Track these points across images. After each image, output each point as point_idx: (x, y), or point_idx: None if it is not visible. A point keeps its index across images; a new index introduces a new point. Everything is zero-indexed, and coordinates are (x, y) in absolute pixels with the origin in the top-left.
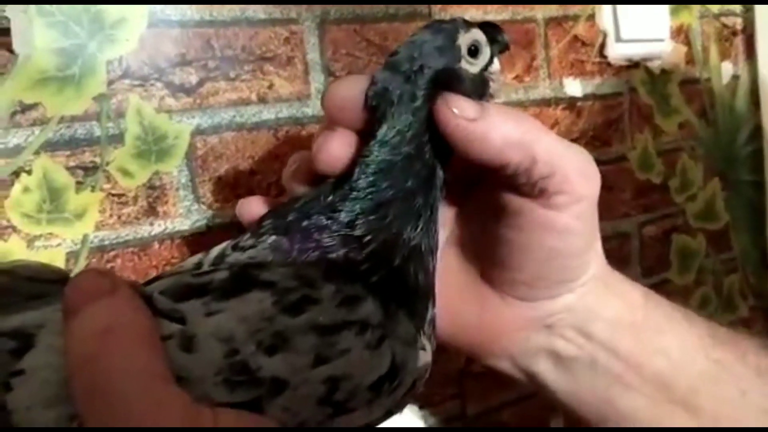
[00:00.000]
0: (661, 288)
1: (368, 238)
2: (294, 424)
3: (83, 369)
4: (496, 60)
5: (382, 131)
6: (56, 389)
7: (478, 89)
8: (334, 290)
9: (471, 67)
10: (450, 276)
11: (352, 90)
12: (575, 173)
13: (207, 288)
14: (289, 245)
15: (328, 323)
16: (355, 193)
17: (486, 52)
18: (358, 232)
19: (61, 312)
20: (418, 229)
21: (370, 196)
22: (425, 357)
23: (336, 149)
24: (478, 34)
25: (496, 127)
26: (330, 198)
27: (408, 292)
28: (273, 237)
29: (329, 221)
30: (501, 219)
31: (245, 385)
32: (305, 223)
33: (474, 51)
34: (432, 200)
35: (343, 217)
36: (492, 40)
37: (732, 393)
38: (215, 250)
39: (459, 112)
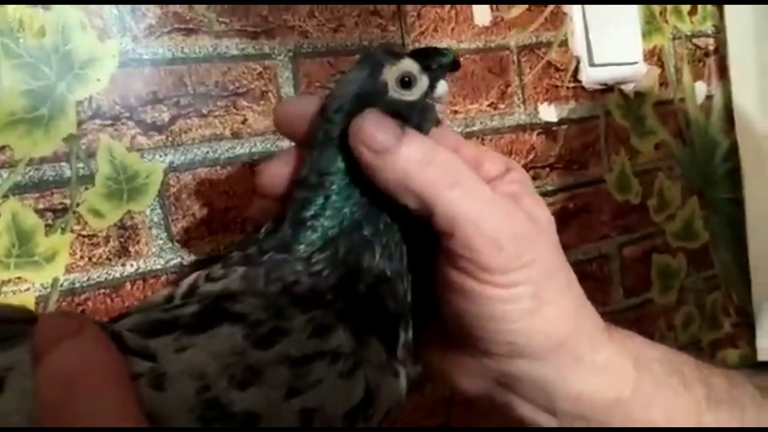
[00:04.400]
0: (644, 308)
1: (327, 272)
2: None
3: (53, 413)
4: (440, 84)
5: (303, 173)
6: None
7: (419, 116)
8: (305, 320)
9: (405, 96)
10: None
11: (298, 108)
12: (482, 240)
13: (177, 323)
14: (257, 276)
15: (299, 355)
16: (299, 228)
17: (422, 80)
18: (316, 268)
19: (29, 353)
20: (377, 257)
21: (315, 233)
22: (400, 383)
23: (275, 170)
24: (407, 65)
25: (395, 166)
26: (279, 234)
27: (377, 318)
28: (243, 268)
29: (287, 255)
30: (433, 268)
31: (218, 421)
32: (265, 257)
33: (407, 82)
34: (383, 226)
35: (300, 253)
36: (427, 68)
37: None
38: (185, 283)
39: (365, 142)
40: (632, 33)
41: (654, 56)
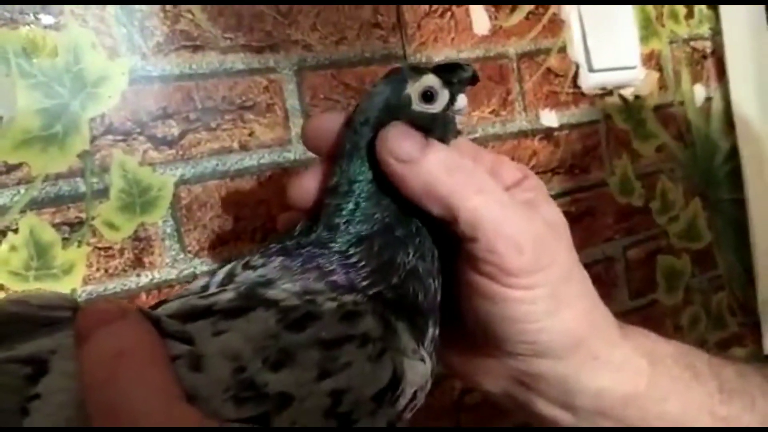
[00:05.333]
0: (650, 309)
1: (363, 263)
2: None
3: (99, 391)
4: (460, 97)
5: (333, 181)
6: (72, 412)
7: (441, 128)
8: (336, 306)
9: (428, 109)
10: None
11: (326, 123)
12: (504, 244)
13: (213, 309)
14: (295, 265)
15: (330, 338)
16: (333, 232)
17: (443, 94)
18: (353, 259)
19: (72, 338)
20: (410, 256)
21: (349, 235)
22: (425, 368)
23: (305, 183)
24: (429, 80)
25: (420, 175)
26: (314, 235)
27: (407, 306)
28: (281, 258)
29: (324, 250)
30: (454, 272)
31: (253, 400)
32: (303, 250)
33: (429, 96)
34: (414, 229)
35: (337, 248)
36: (448, 83)
37: None
38: (222, 272)
39: (392, 153)
40: (630, 38)
41: (652, 60)
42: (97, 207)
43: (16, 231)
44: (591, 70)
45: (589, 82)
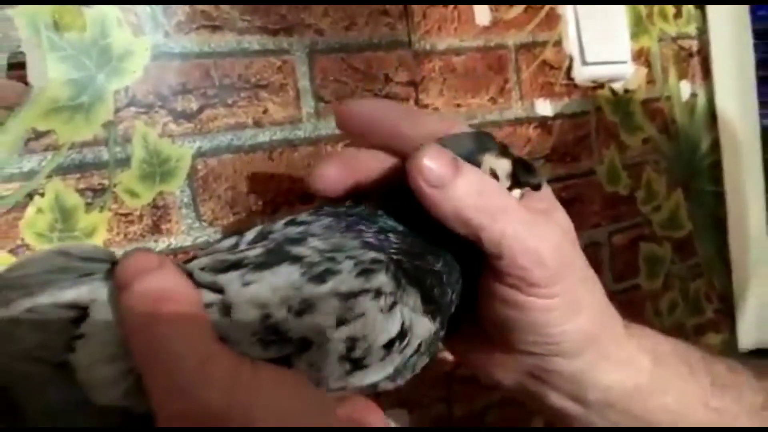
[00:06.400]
0: (632, 293)
1: (396, 243)
2: (317, 378)
3: (142, 331)
4: (515, 192)
5: (382, 199)
6: (113, 348)
7: None
8: (354, 263)
9: None
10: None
11: (363, 108)
12: (529, 259)
13: (243, 262)
14: (339, 227)
15: (347, 291)
16: (375, 219)
17: (505, 182)
18: (390, 237)
19: (108, 287)
20: (440, 264)
21: (388, 230)
22: (430, 325)
23: (330, 173)
24: (502, 164)
25: (450, 199)
26: (362, 208)
27: (422, 284)
28: (330, 219)
29: (369, 222)
30: (476, 278)
31: (277, 343)
32: (350, 218)
33: (494, 176)
34: (446, 245)
35: (378, 225)
36: (515, 176)
37: None
38: (251, 233)
39: (425, 177)
40: (621, 34)
41: (642, 56)
42: (119, 175)
43: (42, 195)
44: (584, 63)
45: (582, 74)
